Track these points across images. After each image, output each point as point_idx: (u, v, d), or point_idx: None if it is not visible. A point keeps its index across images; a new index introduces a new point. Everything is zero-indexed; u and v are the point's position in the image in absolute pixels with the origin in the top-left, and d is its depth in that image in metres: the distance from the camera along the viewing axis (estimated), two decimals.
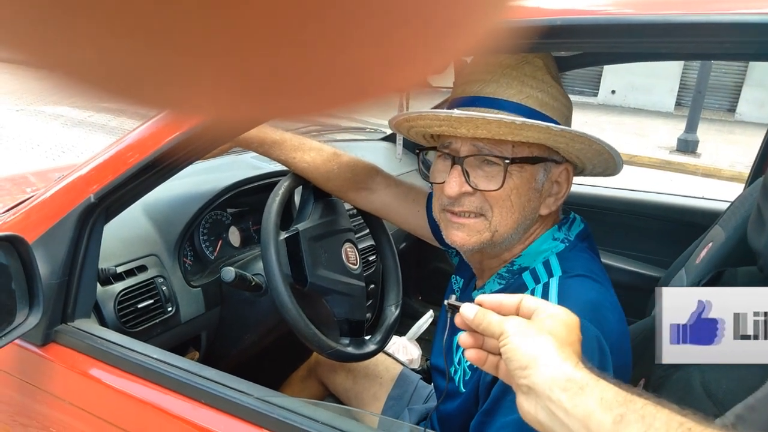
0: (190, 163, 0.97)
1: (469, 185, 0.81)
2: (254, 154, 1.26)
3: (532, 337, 0.55)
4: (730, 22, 0.59)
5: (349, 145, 2.02)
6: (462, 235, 0.84)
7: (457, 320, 0.62)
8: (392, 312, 1.28)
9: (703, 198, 1.93)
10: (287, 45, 0.12)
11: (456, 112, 0.78)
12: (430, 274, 2.15)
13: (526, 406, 0.54)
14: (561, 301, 0.71)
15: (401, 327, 1.77)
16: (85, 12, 0.11)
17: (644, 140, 9.16)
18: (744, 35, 0.60)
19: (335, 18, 0.12)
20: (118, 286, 1.06)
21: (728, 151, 8.59)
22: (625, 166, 0.88)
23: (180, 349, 1.21)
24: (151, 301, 1.11)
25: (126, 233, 1.14)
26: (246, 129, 1.04)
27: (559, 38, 0.67)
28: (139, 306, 1.08)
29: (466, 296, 0.96)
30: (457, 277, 1.05)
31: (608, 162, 0.84)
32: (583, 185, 1.91)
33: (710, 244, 1.26)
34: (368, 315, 1.42)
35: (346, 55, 0.13)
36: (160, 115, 0.95)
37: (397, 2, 0.12)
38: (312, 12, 0.12)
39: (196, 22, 0.11)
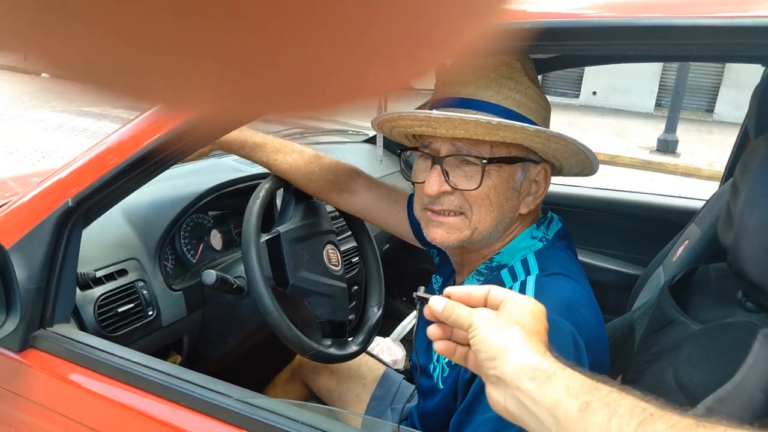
0: (171, 165, 0.97)
1: (449, 184, 0.82)
2: (235, 156, 1.26)
3: (500, 328, 0.56)
4: (705, 25, 0.60)
5: (333, 147, 2.02)
6: (442, 233, 0.85)
7: (426, 312, 0.63)
8: (375, 313, 1.28)
9: (680, 197, 1.96)
10: (287, 43, 0.12)
11: (435, 112, 0.80)
12: (415, 276, 2.16)
13: (495, 396, 0.55)
14: (537, 299, 0.73)
15: (386, 328, 1.77)
16: (88, 12, 0.11)
17: (625, 141, 9.27)
18: (718, 38, 0.62)
19: (333, 19, 0.12)
20: (98, 291, 1.06)
21: (707, 150, 8.72)
22: (607, 167, 0.90)
23: (162, 353, 1.20)
24: (132, 305, 1.10)
25: (106, 237, 1.13)
26: (230, 129, 1.03)
27: (539, 41, 0.68)
28: (119, 310, 1.08)
29: None
30: (438, 276, 1.06)
31: (584, 162, 0.86)
32: (565, 185, 1.93)
33: (686, 242, 1.28)
34: (351, 316, 1.42)
35: (342, 56, 0.13)
36: (141, 116, 0.94)
37: (398, 5, 0.12)
38: (312, 12, 0.12)
39: (200, 21, 0.11)
